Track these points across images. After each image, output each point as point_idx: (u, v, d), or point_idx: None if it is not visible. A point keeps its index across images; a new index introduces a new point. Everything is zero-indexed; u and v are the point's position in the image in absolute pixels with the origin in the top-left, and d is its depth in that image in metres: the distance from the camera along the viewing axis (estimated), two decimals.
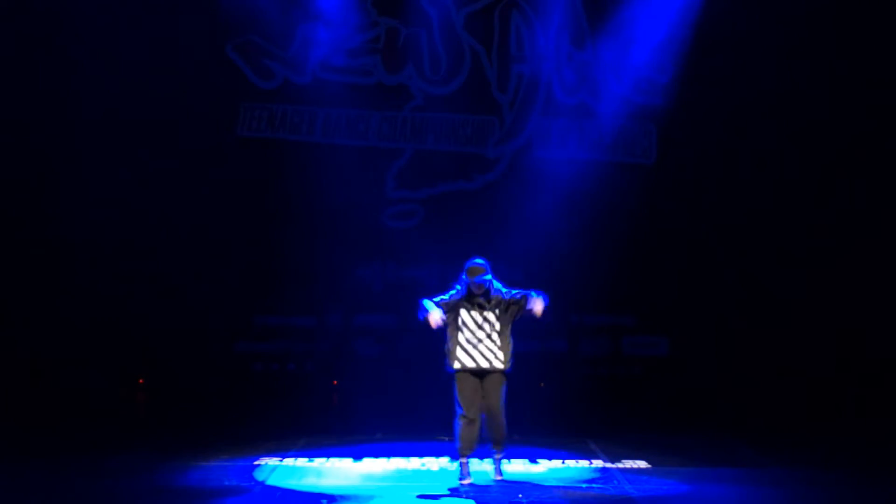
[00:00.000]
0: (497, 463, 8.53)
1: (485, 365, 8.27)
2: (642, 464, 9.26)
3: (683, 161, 13.31)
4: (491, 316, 8.33)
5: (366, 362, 13.24)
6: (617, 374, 13.49)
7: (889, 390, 12.53)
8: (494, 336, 8.32)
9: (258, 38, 13.28)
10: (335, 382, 13.20)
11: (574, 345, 13.47)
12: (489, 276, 8.38)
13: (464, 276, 8.38)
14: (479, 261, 8.42)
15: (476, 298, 8.35)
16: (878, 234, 13.00)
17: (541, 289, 12.80)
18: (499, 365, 8.29)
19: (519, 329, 9.26)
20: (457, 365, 8.33)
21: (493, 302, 8.37)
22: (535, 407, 12.10)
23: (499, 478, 8.45)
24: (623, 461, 9.37)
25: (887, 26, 12.90)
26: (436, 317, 8.16)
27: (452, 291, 8.44)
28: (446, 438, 9.81)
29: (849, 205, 13.04)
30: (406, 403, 11.98)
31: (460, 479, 8.35)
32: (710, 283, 13.09)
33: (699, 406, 12.52)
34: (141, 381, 12.98)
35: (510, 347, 8.35)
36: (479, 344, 8.31)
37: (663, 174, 13.42)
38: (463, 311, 8.35)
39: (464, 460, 8.37)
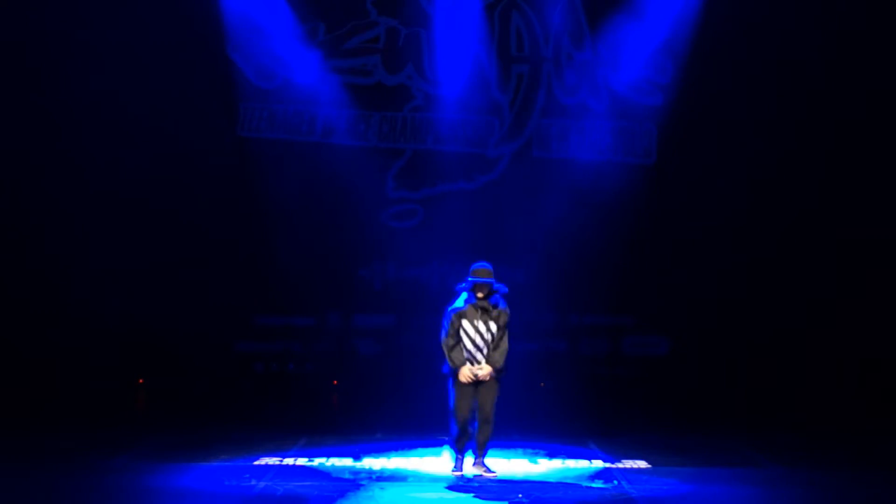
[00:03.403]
0: (480, 463, 8.62)
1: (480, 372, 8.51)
2: (642, 464, 9.27)
3: (683, 161, 13.30)
4: (494, 326, 8.52)
5: (366, 362, 13.23)
6: (617, 374, 13.48)
7: (890, 390, 12.54)
8: (492, 347, 8.54)
9: (258, 38, 13.27)
10: (335, 382, 13.20)
11: (574, 345, 13.47)
12: (492, 280, 8.55)
13: (469, 278, 8.59)
14: (484, 263, 8.66)
15: (480, 304, 8.47)
16: (880, 234, 12.99)
17: (541, 288, 12.91)
18: (493, 372, 8.52)
19: (519, 329, 9.31)
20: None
21: (495, 314, 8.56)
22: (535, 407, 12.11)
23: (489, 475, 8.53)
24: (623, 461, 9.39)
25: (887, 26, 12.90)
26: (465, 372, 8.47)
27: (459, 301, 8.62)
28: (446, 438, 9.85)
29: (850, 204, 13.03)
30: (406, 403, 11.98)
31: (453, 471, 8.71)
32: (711, 282, 13.07)
33: (699, 406, 12.52)
34: (141, 381, 12.97)
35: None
36: (478, 353, 8.48)
37: (663, 174, 13.41)
38: (465, 321, 8.54)
39: (459, 455, 8.71)
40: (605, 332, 13.54)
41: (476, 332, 8.53)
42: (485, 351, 8.51)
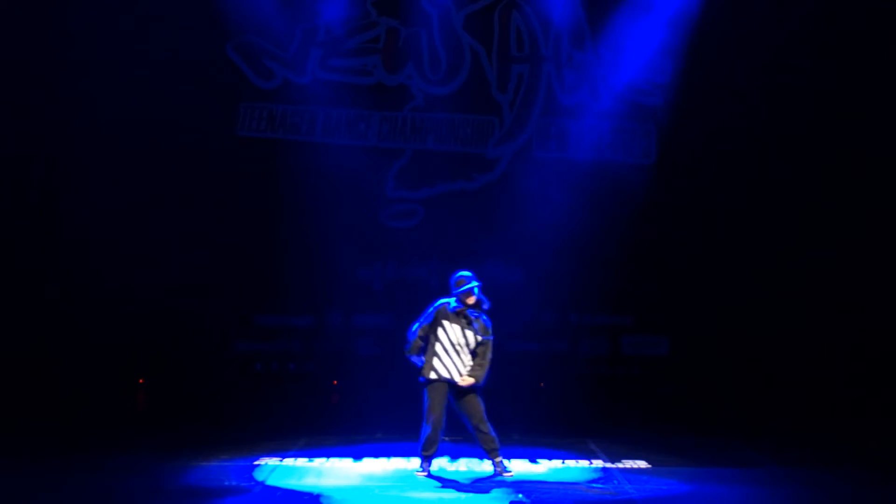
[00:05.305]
0: (498, 465, 8.64)
1: (457, 377, 8.59)
2: (642, 464, 9.28)
3: (683, 161, 13.30)
4: (470, 335, 8.57)
5: (366, 362, 13.23)
6: (617, 374, 13.49)
7: (889, 390, 12.53)
8: (467, 354, 8.63)
9: (258, 38, 13.27)
10: (335, 382, 13.20)
11: (574, 345, 13.47)
12: (476, 285, 8.65)
13: (455, 290, 8.70)
14: (466, 273, 8.75)
15: (464, 312, 8.54)
16: (879, 234, 12.99)
17: (541, 288, 12.90)
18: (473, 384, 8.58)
19: (519, 329, 9.30)
20: (432, 375, 8.64)
21: (479, 326, 8.67)
22: (535, 407, 12.11)
23: (507, 474, 8.58)
24: (623, 461, 9.39)
25: (886, 27, 12.90)
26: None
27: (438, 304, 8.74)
28: (447, 438, 9.84)
29: (849, 205, 13.03)
30: (406, 403, 11.96)
31: (417, 472, 8.71)
32: (710, 283, 13.08)
33: (699, 406, 12.52)
34: (141, 381, 12.97)
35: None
36: (455, 357, 8.51)
37: (663, 174, 13.41)
38: (445, 323, 8.60)
39: (425, 461, 8.72)
40: (605, 332, 13.54)
41: (454, 332, 8.57)
42: (459, 354, 8.55)
